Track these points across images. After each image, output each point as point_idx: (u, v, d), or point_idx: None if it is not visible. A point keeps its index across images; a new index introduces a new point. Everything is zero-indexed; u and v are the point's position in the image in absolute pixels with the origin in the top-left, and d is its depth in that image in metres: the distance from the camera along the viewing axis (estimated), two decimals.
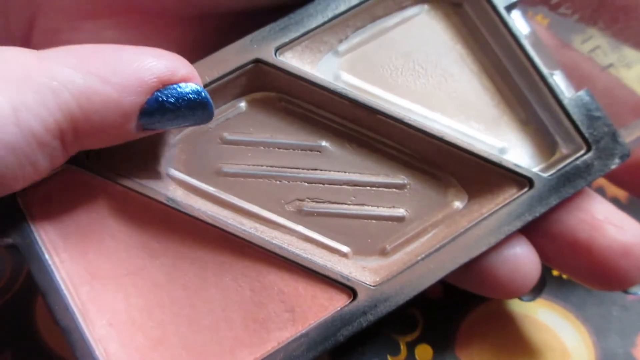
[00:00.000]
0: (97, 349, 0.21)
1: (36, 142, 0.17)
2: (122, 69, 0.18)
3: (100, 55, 0.18)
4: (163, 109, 0.19)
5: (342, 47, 0.24)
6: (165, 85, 0.19)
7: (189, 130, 0.23)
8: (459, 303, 0.27)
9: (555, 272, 0.28)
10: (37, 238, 0.21)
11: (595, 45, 0.24)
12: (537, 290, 0.23)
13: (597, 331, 0.27)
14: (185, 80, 0.19)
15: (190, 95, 0.19)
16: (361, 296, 0.21)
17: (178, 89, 0.19)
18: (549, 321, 0.27)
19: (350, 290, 0.22)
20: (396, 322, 0.27)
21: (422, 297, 0.27)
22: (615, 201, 0.26)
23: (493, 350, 0.27)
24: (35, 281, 0.21)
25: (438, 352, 0.27)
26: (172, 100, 0.19)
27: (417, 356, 0.27)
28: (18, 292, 0.27)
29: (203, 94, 0.19)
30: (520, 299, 0.24)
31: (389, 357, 0.26)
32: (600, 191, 0.29)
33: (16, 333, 0.27)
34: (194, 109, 0.19)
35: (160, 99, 0.19)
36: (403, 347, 0.27)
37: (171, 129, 0.22)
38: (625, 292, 0.22)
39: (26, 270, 0.28)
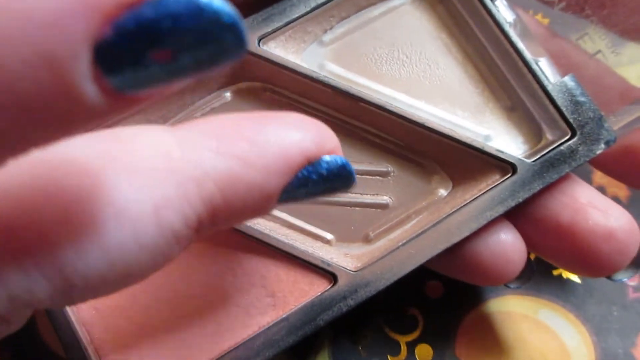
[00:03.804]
0: (82, 333, 0.21)
1: (175, 240, 0.15)
2: (267, 149, 0.16)
3: (241, 133, 0.16)
4: (307, 185, 0.17)
5: (327, 37, 0.24)
6: (311, 162, 0.17)
7: (174, 120, 0.23)
8: (459, 303, 0.27)
9: (555, 272, 0.28)
10: None
11: (583, 33, 0.24)
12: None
13: (597, 331, 0.27)
14: (331, 153, 0.17)
15: (336, 171, 0.17)
16: (341, 281, 0.21)
17: (324, 165, 0.17)
18: (549, 321, 0.27)
19: (330, 276, 0.22)
20: (396, 322, 0.27)
21: (422, 297, 0.27)
22: (615, 200, 0.25)
23: (493, 350, 0.26)
24: None
25: (438, 352, 0.26)
26: (316, 177, 0.17)
27: (417, 356, 0.26)
28: None
29: (348, 167, 0.17)
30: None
31: (389, 357, 0.26)
32: (601, 190, 0.29)
33: (16, 333, 0.27)
34: (338, 183, 0.17)
35: (306, 176, 0.17)
36: (403, 347, 0.27)
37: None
38: (610, 278, 0.22)
39: None
